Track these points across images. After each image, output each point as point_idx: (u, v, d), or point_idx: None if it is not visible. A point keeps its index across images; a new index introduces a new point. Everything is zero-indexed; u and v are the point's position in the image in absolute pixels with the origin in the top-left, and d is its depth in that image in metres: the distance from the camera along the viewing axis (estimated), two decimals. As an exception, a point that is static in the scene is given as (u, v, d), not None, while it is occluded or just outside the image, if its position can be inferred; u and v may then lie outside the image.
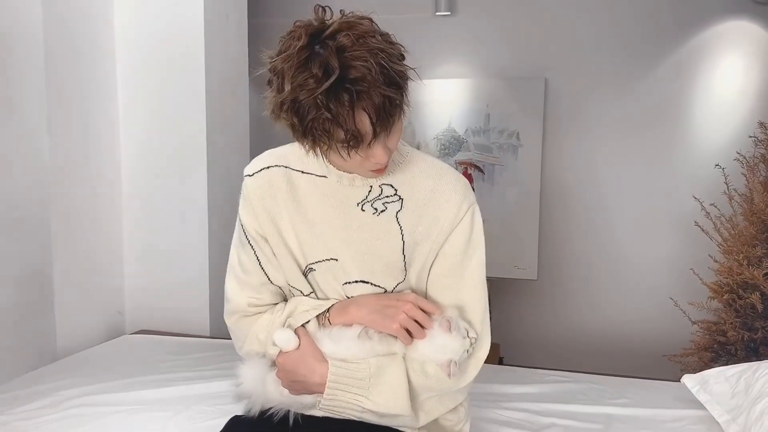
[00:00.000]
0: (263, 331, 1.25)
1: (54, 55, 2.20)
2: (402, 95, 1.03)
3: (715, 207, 2.88)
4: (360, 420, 1.20)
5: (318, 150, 1.07)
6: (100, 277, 2.49)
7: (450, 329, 1.16)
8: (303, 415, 1.22)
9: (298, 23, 1.02)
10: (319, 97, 0.96)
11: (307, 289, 1.26)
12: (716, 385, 1.71)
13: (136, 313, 2.62)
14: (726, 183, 2.82)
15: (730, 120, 3.44)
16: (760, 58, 3.47)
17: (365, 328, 1.20)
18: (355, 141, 1.01)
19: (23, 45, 2.10)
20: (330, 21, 1.02)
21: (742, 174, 2.78)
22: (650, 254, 3.62)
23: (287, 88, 0.98)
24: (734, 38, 3.51)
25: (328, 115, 0.97)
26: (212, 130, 2.52)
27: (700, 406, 1.72)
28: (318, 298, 1.26)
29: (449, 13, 3.81)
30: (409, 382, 1.18)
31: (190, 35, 2.45)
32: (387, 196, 1.21)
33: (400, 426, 1.22)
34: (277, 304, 1.29)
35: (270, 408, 1.24)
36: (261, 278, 1.26)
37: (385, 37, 1.03)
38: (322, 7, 1.03)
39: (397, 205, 1.21)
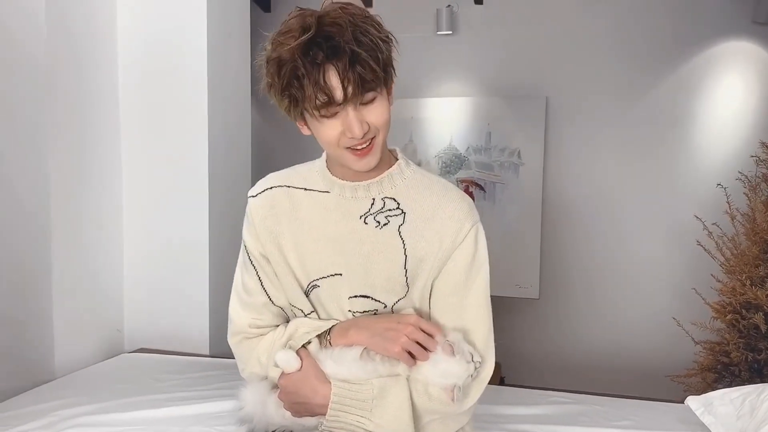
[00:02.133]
0: (265, 354, 1.25)
1: (56, 72, 2.20)
2: (376, 59, 1.06)
3: (717, 226, 2.87)
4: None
5: (294, 112, 1.11)
6: (100, 295, 2.48)
7: (453, 354, 1.15)
8: (306, 436, 1.21)
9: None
10: (296, 51, 1.03)
11: (308, 309, 1.26)
12: (721, 407, 1.69)
13: (135, 331, 2.60)
14: (728, 202, 2.82)
15: (732, 139, 3.45)
16: (760, 77, 3.48)
17: (367, 349, 1.19)
18: (323, 97, 1.06)
19: (26, 69, 2.12)
20: None
21: (744, 194, 2.78)
22: (652, 273, 3.62)
23: (270, 47, 1.07)
24: (734, 58, 3.53)
25: (302, 69, 1.04)
26: (214, 148, 2.52)
27: (705, 428, 1.70)
28: (320, 318, 1.26)
29: (451, 32, 3.83)
30: (412, 404, 1.17)
31: (194, 54, 2.46)
32: (390, 210, 1.21)
33: (401, 449, 1.20)
34: (278, 326, 1.28)
35: (273, 430, 1.23)
36: (263, 299, 1.26)
37: (372, 17, 1.09)
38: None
39: (400, 219, 1.21)
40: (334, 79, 1.05)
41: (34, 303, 2.17)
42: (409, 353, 1.16)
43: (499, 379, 3.40)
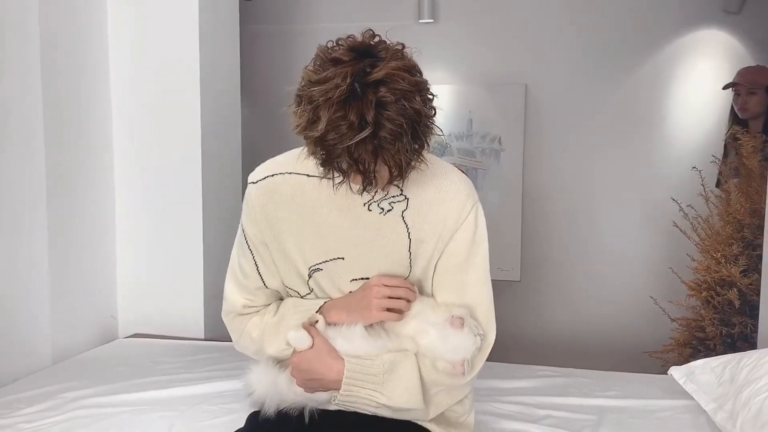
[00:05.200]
0: (255, 330, 1.31)
1: (49, 67, 2.20)
2: (422, 153, 1.09)
3: (692, 208, 2.99)
4: (374, 414, 1.24)
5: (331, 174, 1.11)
6: (94, 282, 2.49)
7: (462, 327, 1.21)
8: (319, 410, 1.26)
9: (340, 50, 1.05)
10: (349, 144, 1.01)
11: (304, 291, 1.30)
12: (702, 375, 1.79)
13: (129, 317, 2.62)
14: (702, 185, 2.93)
15: (705, 124, 3.56)
16: (730, 64, 3.59)
17: (372, 324, 1.25)
18: (370, 185, 1.09)
19: (19, 67, 2.13)
20: (376, 54, 1.05)
21: (718, 176, 2.90)
22: (630, 254, 3.72)
23: (321, 126, 1.02)
24: (706, 46, 3.63)
25: (351, 161, 1.03)
26: (207, 136, 2.54)
27: (687, 396, 1.79)
28: (317, 298, 1.31)
29: (432, 20, 3.88)
30: (420, 376, 1.22)
31: (185, 45, 2.48)
32: (393, 196, 1.24)
33: (411, 419, 1.26)
34: (269, 305, 1.34)
35: (285, 407, 1.27)
36: (257, 283, 1.31)
37: (423, 93, 1.07)
38: (374, 33, 1.09)
39: (403, 204, 1.25)
40: (385, 173, 1.07)
41: (30, 291, 2.19)
42: (391, 310, 1.22)
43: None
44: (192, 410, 1.73)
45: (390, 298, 1.22)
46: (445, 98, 3.92)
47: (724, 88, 3.09)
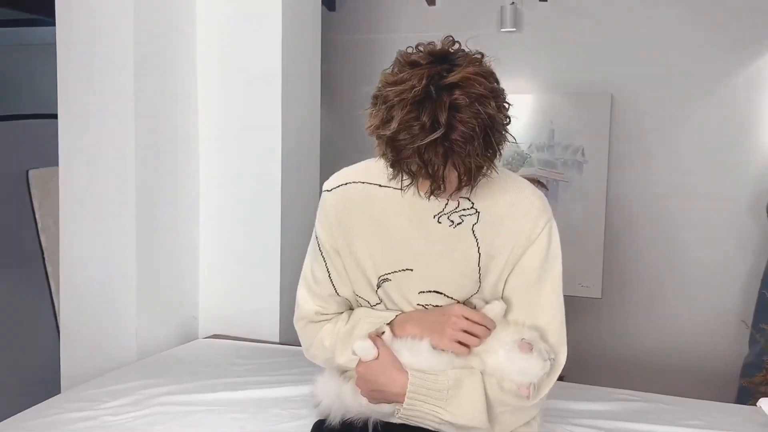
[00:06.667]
0: (328, 338, 1.32)
1: (139, 79, 2.30)
2: (493, 161, 1.08)
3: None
4: (437, 430, 1.23)
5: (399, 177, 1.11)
6: (177, 285, 2.60)
7: (531, 351, 1.18)
8: (382, 422, 1.26)
9: (419, 54, 1.06)
10: (419, 145, 1.01)
11: (374, 300, 1.31)
12: (796, 410, 1.67)
13: (209, 318, 2.71)
14: (803, 203, 2.75)
15: (808, 138, 3.34)
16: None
17: None
18: (438, 189, 1.08)
19: (112, 77, 2.27)
20: (454, 61, 1.05)
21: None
22: (721, 274, 3.53)
23: (394, 125, 1.02)
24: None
25: (420, 162, 1.03)
26: (287, 141, 2.60)
27: (779, 431, 1.68)
28: (387, 309, 1.31)
29: (514, 29, 3.83)
30: (485, 395, 1.20)
31: (269, 56, 2.54)
32: (464, 209, 1.24)
33: (475, 438, 1.24)
34: (341, 313, 1.35)
35: (350, 418, 1.28)
36: (329, 290, 1.32)
37: (499, 100, 1.05)
38: (453, 40, 1.09)
39: (474, 218, 1.24)
40: (454, 178, 1.06)
41: (118, 292, 2.32)
42: (461, 343, 1.21)
43: (559, 377, 3.38)
44: (262, 413, 1.77)
45: (465, 332, 1.21)
46: (527, 108, 3.86)
47: None
